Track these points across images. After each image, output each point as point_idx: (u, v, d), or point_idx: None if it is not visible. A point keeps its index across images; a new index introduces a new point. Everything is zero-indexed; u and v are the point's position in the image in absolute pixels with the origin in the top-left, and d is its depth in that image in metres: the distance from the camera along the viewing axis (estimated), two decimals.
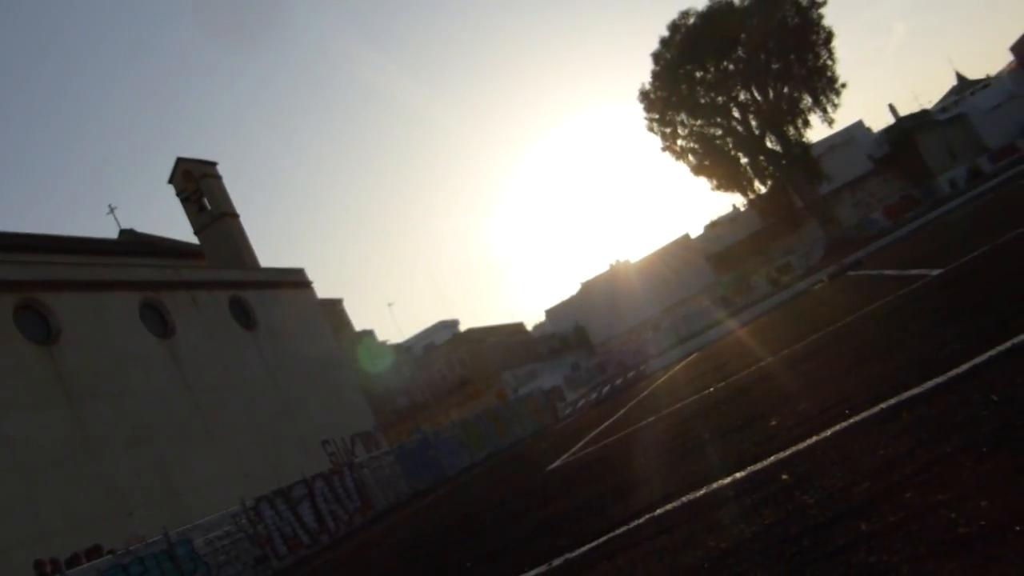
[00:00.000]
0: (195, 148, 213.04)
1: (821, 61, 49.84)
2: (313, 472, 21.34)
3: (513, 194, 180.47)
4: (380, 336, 60.60)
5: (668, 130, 53.12)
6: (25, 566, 16.96)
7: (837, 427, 5.34)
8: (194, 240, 37.40)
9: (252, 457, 27.26)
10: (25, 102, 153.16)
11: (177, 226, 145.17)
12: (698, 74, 51.41)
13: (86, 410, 22.93)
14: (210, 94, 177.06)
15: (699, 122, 52.32)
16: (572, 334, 68.35)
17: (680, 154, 53.48)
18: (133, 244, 37.49)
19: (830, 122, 51.27)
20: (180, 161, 36.29)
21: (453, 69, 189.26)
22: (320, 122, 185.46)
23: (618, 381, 42.00)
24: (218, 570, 16.04)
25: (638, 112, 70.88)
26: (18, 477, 20.20)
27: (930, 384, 5.22)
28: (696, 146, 52.95)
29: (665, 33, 52.09)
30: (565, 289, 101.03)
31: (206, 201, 36.47)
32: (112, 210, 50.74)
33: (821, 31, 49.65)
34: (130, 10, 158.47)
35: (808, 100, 50.53)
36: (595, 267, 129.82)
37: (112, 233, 40.02)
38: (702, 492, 5.35)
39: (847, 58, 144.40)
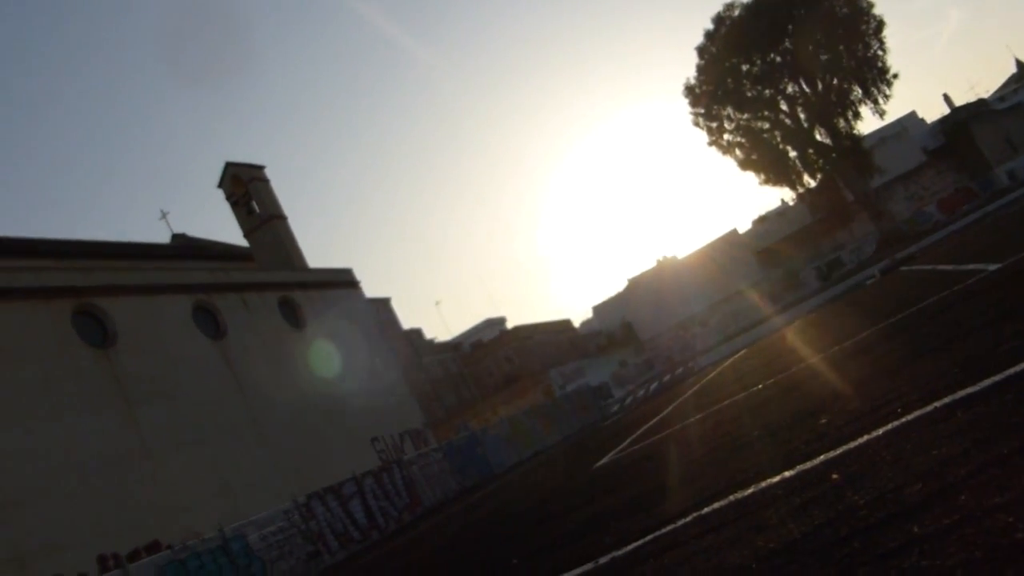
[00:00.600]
0: (243, 152, 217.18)
1: (871, 51, 48.67)
2: (363, 469, 21.61)
3: (560, 191, 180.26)
4: (428, 334, 61.17)
5: (714, 124, 52.37)
6: (87, 561, 17.50)
7: (889, 426, 5.23)
8: (244, 243, 38.14)
9: (302, 455, 27.68)
10: (80, 113, 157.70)
11: (227, 229, 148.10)
12: (744, 67, 50.61)
13: (142, 411, 23.53)
14: (257, 97, 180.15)
15: (746, 116, 51.48)
16: (619, 331, 68.08)
17: (727, 148, 52.68)
18: (185, 248, 38.38)
19: (881, 114, 50.07)
20: (229, 166, 37.00)
21: (500, 68, 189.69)
22: (366, 122, 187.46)
23: (666, 378, 41.74)
24: (272, 565, 16.36)
25: (684, 107, 70.21)
26: (79, 477, 20.82)
27: (986, 383, 5.07)
28: (743, 140, 52.12)
29: (710, 26, 51.53)
30: (612, 286, 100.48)
31: (255, 204, 37.14)
32: (164, 215, 52.50)
33: (871, 20, 48.47)
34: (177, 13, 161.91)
35: (858, 91, 49.37)
36: (642, 263, 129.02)
37: (165, 238, 41.09)
38: (750, 491, 5.29)
39: (899, 48, 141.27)
